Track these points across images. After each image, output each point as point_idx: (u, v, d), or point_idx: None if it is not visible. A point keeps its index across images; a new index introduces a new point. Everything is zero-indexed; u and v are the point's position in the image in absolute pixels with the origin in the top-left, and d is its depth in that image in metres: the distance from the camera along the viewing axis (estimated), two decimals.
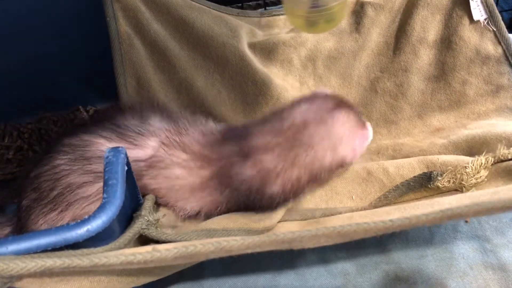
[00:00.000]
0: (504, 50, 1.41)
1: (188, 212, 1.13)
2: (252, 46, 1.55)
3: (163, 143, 1.09)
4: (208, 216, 1.12)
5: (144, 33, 1.48)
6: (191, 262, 1.00)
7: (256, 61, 1.51)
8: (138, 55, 1.48)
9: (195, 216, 1.14)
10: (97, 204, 0.97)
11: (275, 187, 1.03)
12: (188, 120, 1.17)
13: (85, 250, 0.77)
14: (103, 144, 1.08)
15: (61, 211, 1.05)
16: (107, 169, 0.84)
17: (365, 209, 1.16)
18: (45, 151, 1.17)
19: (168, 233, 0.98)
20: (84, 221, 0.76)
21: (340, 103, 1.07)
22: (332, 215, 1.16)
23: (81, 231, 0.74)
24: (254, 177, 1.03)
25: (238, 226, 1.06)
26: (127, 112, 1.17)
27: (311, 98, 1.09)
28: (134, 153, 1.07)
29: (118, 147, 0.90)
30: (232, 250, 0.72)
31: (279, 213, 1.12)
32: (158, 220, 0.99)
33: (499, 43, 1.41)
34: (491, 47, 1.42)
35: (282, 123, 1.03)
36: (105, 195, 0.80)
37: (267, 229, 1.09)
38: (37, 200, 1.07)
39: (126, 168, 0.87)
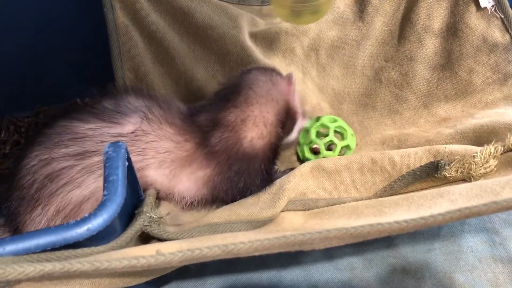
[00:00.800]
0: (511, 37, 1.37)
1: (187, 198, 1.13)
2: (253, 35, 1.51)
3: (146, 118, 1.10)
4: (209, 202, 1.15)
5: (142, 24, 1.44)
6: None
7: (257, 52, 1.47)
8: (136, 47, 1.44)
9: (197, 204, 1.14)
10: (83, 187, 0.98)
11: (249, 133, 1.14)
12: (166, 99, 1.20)
13: (85, 249, 0.74)
14: (79, 126, 1.06)
15: (45, 205, 1.01)
16: (107, 164, 0.81)
17: (369, 198, 1.14)
18: (24, 146, 1.14)
19: (170, 231, 0.95)
20: (84, 220, 0.73)
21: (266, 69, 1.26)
22: (335, 205, 1.14)
23: (81, 230, 0.72)
24: (229, 136, 1.13)
25: (240, 218, 1.05)
26: (104, 97, 1.17)
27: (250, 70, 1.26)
28: (114, 130, 1.06)
29: (118, 142, 0.86)
30: (240, 253, 0.70)
31: (282, 203, 1.10)
32: (161, 217, 0.96)
33: (507, 30, 1.37)
34: (498, 35, 1.38)
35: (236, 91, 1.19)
36: (105, 192, 0.77)
37: (270, 219, 1.08)
38: (20, 199, 1.04)
39: (127, 163, 0.84)
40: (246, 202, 1.12)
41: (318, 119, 1.42)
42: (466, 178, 1.08)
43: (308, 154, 1.37)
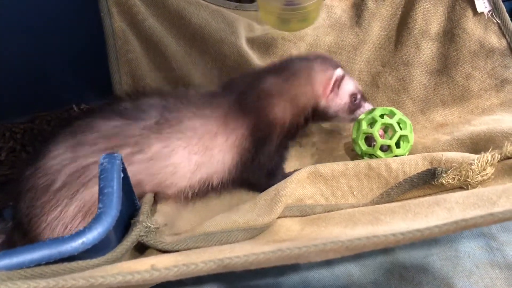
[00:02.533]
0: (508, 43, 1.37)
1: (216, 175, 1.18)
2: (251, 41, 1.51)
3: (165, 108, 1.14)
4: (235, 178, 1.20)
5: (139, 29, 1.44)
6: None
7: (254, 57, 1.47)
8: (133, 51, 1.44)
9: (225, 182, 1.20)
10: None
11: (278, 106, 1.21)
12: (181, 89, 1.30)
13: (80, 263, 0.74)
14: (103, 124, 1.09)
15: (65, 205, 1.02)
16: (102, 176, 0.81)
17: (366, 205, 1.14)
18: (38, 148, 1.14)
19: (166, 241, 0.95)
20: (78, 233, 0.73)
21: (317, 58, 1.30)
22: (332, 211, 1.14)
23: (76, 244, 0.71)
24: (262, 101, 1.21)
25: (237, 226, 1.04)
26: (120, 100, 1.21)
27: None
28: (138, 125, 1.10)
29: (113, 153, 0.86)
30: (236, 268, 0.69)
31: (278, 209, 1.09)
32: (157, 227, 0.96)
33: (504, 35, 1.38)
34: (495, 40, 1.38)
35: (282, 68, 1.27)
36: (100, 205, 0.77)
37: (267, 226, 1.07)
38: (34, 200, 1.03)
39: (122, 175, 0.84)
40: (243, 208, 1.11)
41: (372, 111, 1.30)
42: (463, 185, 1.08)
43: (363, 146, 1.27)
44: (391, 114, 1.26)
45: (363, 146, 1.27)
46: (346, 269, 1.21)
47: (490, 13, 1.38)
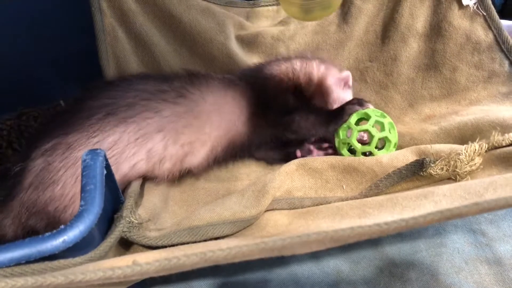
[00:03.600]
0: (495, 35, 1.37)
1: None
2: (240, 39, 1.51)
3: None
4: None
5: (129, 26, 1.43)
6: None
7: (243, 57, 1.47)
8: (122, 49, 1.44)
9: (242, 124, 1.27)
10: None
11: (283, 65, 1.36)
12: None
13: (62, 261, 0.73)
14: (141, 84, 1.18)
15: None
16: (84, 173, 0.81)
17: (355, 198, 1.13)
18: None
19: (150, 236, 0.94)
20: (59, 232, 0.72)
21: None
22: (321, 204, 1.14)
23: (57, 243, 0.71)
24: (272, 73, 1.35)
25: (223, 219, 1.03)
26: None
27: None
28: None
29: (97, 149, 0.85)
30: (219, 261, 0.69)
31: (266, 201, 1.08)
32: (141, 223, 0.95)
33: (490, 28, 1.38)
34: (481, 33, 1.38)
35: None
36: (82, 202, 0.76)
37: (254, 218, 1.06)
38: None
39: (105, 171, 0.83)
40: (230, 200, 1.10)
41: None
42: (452, 176, 1.07)
43: (346, 154, 1.30)
44: (367, 118, 1.28)
45: (346, 154, 1.30)
46: (336, 265, 1.20)
47: (476, 5, 1.38)
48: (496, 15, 1.37)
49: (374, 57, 1.51)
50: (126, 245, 0.97)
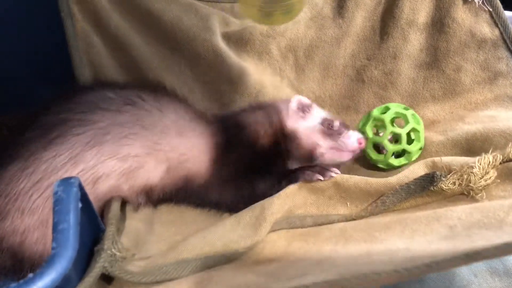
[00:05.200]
0: (501, 32, 1.29)
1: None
2: (226, 36, 1.40)
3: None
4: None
5: (104, 29, 1.32)
6: None
7: (231, 55, 1.36)
8: (98, 54, 1.32)
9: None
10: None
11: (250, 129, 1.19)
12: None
13: None
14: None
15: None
16: (56, 208, 0.71)
17: (361, 217, 1.05)
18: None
19: (133, 272, 0.85)
20: (27, 282, 0.62)
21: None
22: (323, 223, 1.05)
23: None
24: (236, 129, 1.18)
25: (214, 251, 0.94)
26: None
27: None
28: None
29: (70, 178, 0.75)
30: None
31: (263, 230, 0.99)
32: (124, 257, 0.85)
33: (496, 24, 1.29)
34: (487, 29, 1.30)
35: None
36: (54, 245, 0.66)
37: (249, 249, 0.97)
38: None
39: (80, 205, 0.73)
40: (224, 227, 1.01)
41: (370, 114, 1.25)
42: (465, 191, 0.99)
43: (373, 154, 1.22)
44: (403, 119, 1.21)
45: (374, 155, 1.22)
46: None
47: (481, 0, 1.29)
48: (502, 11, 1.29)
49: (372, 55, 1.41)
50: (107, 278, 0.87)
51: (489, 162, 0.98)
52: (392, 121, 1.20)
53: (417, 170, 1.05)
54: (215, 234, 0.97)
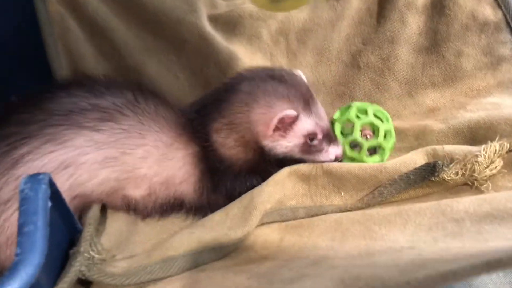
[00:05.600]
0: (504, 15, 1.22)
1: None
2: (214, 19, 1.32)
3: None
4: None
5: (81, 12, 1.23)
6: None
7: (219, 38, 1.28)
8: (74, 40, 1.23)
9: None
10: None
11: (217, 145, 1.02)
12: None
13: None
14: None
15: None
16: (22, 208, 0.62)
17: (357, 208, 0.99)
18: None
19: (115, 273, 0.78)
20: None
21: (285, 77, 1.06)
22: (316, 215, 0.99)
23: None
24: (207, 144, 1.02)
25: (203, 245, 0.87)
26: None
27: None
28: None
29: (38, 174, 0.67)
30: None
31: (254, 219, 0.93)
32: (103, 260, 0.78)
33: (499, 6, 1.23)
34: (489, 12, 1.23)
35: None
36: (18, 250, 0.58)
37: (241, 241, 0.92)
38: None
39: (50, 203, 0.65)
40: (212, 220, 0.95)
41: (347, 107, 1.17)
42: (469, 181, 0.93)
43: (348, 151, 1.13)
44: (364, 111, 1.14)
45: (350, 153, 1.13)
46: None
47: None
48: None
49: (368, 39, 1.33)
50: (84, 283, 0.80)
51: (496, 150, 0.93)
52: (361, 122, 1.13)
53: (417, 158, 0.99)
54: (203, 228, 0.91)
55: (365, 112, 1.14)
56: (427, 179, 0.95)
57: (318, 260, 0.79)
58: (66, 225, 0.77)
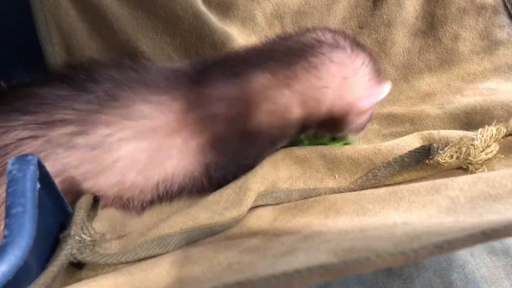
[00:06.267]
0: None
1: (175, 181, 0.94)
2: (207, 0, 1.29)
3: (115, 82, 0.90)
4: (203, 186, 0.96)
5: None
6: None
7: (213, 19, 1.25)
8: (66, 16, 1.19)
9: (190, 188, 0.96)
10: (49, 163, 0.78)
11: (260, 115, 0.89)
12: (143, 63, 0.99)
13: None
14: (46, 91, 0.87)
15: None
16: (9, 190, 0.60)
17: (351, 189, 0.98)
18: None
19: (109, 253, 0.76)
20: None
21: (364, 46, 0.95)
22: (310, 197, 0.98)
23: None
24: (238, 99, 0.89)
25: (198, 224, 0.86)
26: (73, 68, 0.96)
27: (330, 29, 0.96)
28: (83, 97, 0.86)
29: (27, 155, 0.65)
30: None
31: (249, 199, 0.92)
32: (94, 240, 0.76)
33: None
34: None
35: (288, 42, 0.91)
36: (6, 232, 0.56)
37: (235, 220, 0.90)
38: None
39: (38, 185, 0.63)
40: (206, 200, 0.93)
41: None
42: (463, 165, 0.93)
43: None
44: None
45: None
46: None
47: None
48: None
49: (365, 23, 1.32)
50: (77, 265, 0.78)
51: (492, 134, 0.92)
52: None
53: (412, 141, 0.98)
54: (198, 208, 0.89)
55: None
56: (421, 162, 0.95)
57: (311, 235, 0.78)
58: (56, 208, 0.75)
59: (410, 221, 0.73)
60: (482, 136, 0.91)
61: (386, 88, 0.97)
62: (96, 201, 0.91)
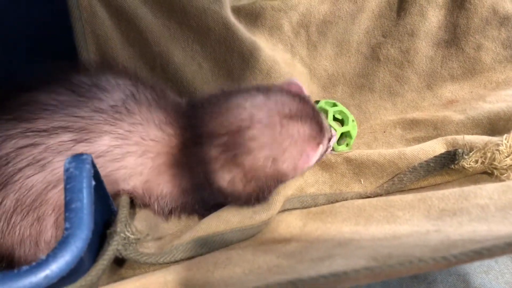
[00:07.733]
0: None
1: (168, 203, 0.95)
2: (236, 10, 1.33)
3: (132, 96, 0.91)
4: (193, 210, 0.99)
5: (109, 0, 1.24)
6: None
7: (242, 29, 1.30)
8: (102, 25, 1.24)
9: (179, 210, 0.98)
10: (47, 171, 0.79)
11: (221, 182, 0.92)
12: (158, 83, 1.02)
13: None
14: (49, 98, 0.87)
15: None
16: (68, 186, 0.65)
17: (377, 194, 1.01)
18: None
19: (149, 253, 0.81)
20: (40, 264, 0.57)
21: (299, 110, 0.94)
22: (337, 201, 1.02)
23: (37, 279, 0.56)
24: (202, 164, 0.92)
25: (230, 227, 0.91)
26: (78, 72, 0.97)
27: (270, 91, 0.96)
28: (91, 104, 0.87)
29: (82, 154, 0.70)
30: None
31: (277, 203, 0.96)
32: (138, 238, 0.81)
33: None
34: (510, 6, 1.25)
35: (230, 116, 0.92)
36: (67, 225, 0.61)
37: (265, 223, 0.94)
38: None
39: (93, 182, 0.68)
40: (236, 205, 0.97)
41: (315, 103, 1.22)
42: (488, 170, 0.96)
43: None
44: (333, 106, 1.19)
45: None
46: None
47: None
48: None
49: (388, 32, 1.35)
50: (120, 261, 0.83)
51: None
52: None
53: (436, 146, 1.01)
54: (229, 212, 0.93)
55: (333, 105, 1.20)
56: (446, 166, 0.97)
57: (344, 242, 0.81)
58: (103, 206, 0.80)
59: (443, 229, 0.76)
60: (508, 141, 0.94)
61: (317, 154, 0.97)
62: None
